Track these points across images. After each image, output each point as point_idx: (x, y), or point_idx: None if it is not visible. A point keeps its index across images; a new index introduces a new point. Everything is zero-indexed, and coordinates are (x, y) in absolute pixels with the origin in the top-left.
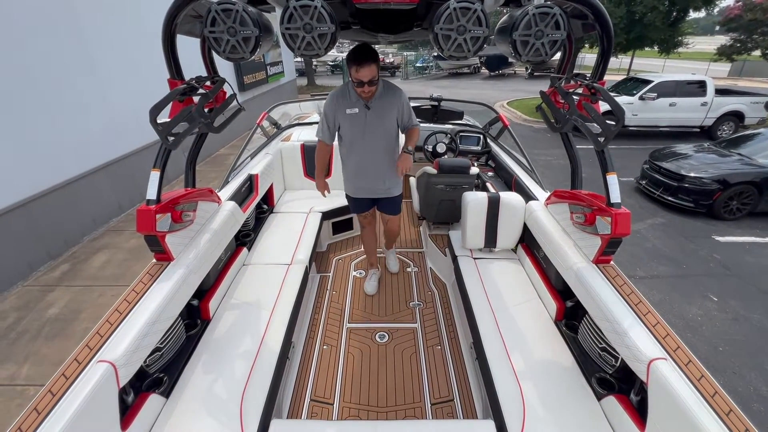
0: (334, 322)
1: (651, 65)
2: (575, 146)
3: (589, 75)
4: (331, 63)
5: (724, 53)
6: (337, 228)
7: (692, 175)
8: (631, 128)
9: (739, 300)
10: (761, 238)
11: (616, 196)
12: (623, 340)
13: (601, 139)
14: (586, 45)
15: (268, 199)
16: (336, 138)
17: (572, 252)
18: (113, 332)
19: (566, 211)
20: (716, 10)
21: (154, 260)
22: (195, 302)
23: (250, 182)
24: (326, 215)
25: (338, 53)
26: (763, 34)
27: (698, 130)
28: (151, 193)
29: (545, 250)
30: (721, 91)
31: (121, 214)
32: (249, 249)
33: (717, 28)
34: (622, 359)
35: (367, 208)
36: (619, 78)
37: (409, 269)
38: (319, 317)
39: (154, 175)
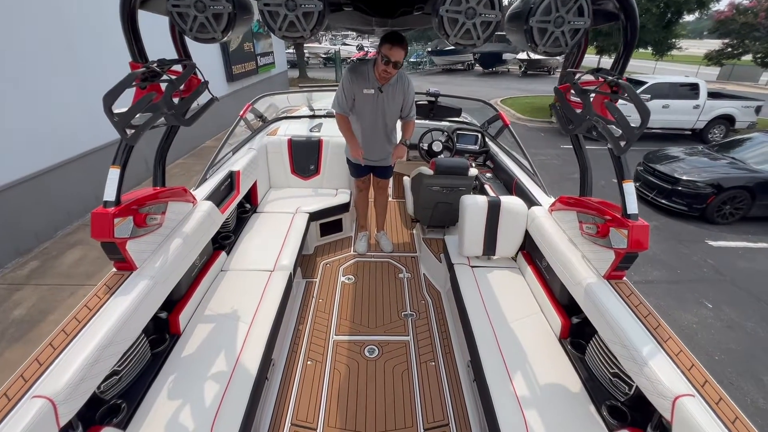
0: (320, 334)
1: (642, 67)
2: (585, 149)
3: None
4: (323, 55)
5: (713, 58)
6: (325, 230)
7: (686, 178)
8: None
9: (733, 307)
10: (753, 244)
11: (633, 207)
12: (642, 371)
13: (622, 143)
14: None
15: (251, 197)
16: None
17: (581, 265)
18: (56, 359)
19: (574, 220)
20: (708, 12)
21: (114, 269)
22: (163, 315)
23: (231, 180)
24: (314, 216)
25: (331, 45)
26: (755, 38)
27: (689, 132)
28: (109, 194)
29: (549, 260)
30: (712, 95)
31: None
32: (228, 253)
33: (705, 32)
34: (636, 387)
35: (365, 174)
36: None
37: (401, 275)
38: (303, 329)
39: (113, 173)
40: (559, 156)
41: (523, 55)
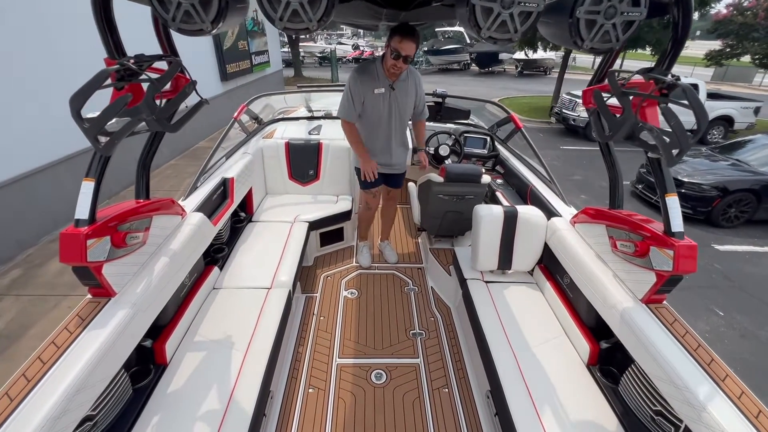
0: (322, 357)
1: (640, 67)
2: (616, 157)
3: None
4: (319, 54)
5: (714, 57)
6: (326, 239)
7: (691, 180)
8: None
9: (745, 314)
10: (760, 248)
11: (678, 224)
12: (701, 417)
13: (675, 151)
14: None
15: (246, 205)
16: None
17: (613, 286)
18: (14, 411)
19: (603, 235)
20: (707, 13)
21: (89, 296)
22: (147, 343)
23: (224, 187)
24: (313, 225)
25: (327, 45)
26: (754, 39)
27: (690, 133)
28: (81, 211)
29: (573, 277)
30: (710, 95)
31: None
32: (221, 268)
33: (698, 32)
34: (686, 428)
35: (378, 185)
36: None
37: (407, 288)
38: (303, 351)
39: (87, 187)
40: (559, 157)
41: (519, 55)
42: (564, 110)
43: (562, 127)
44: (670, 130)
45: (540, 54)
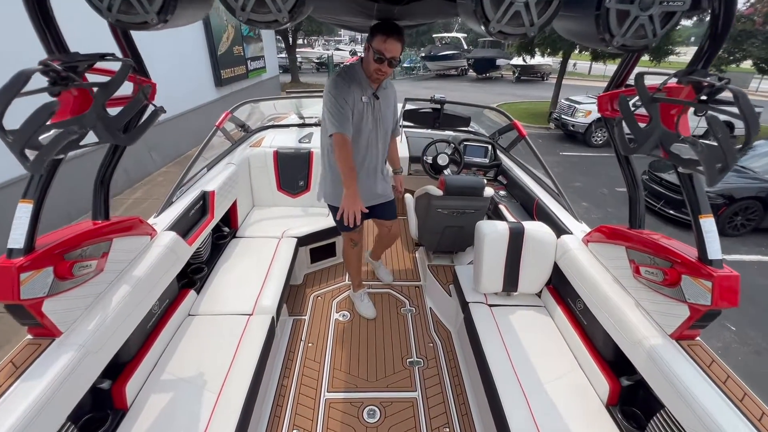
0: (309, 391)
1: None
2: (637, 172)
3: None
4: (316, 60)
5: (715, 64)
6: (316, 255)
7: None
8: None
9: (758, 329)
10: None
11: (716, 250)
12: None
13: (719, 165)
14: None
15: (230, 219)
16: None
17: (636, 317)
18: None
19: (622, 257)
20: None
21: (29, 337)
22: (105, 385)
23: (204, 202)
24: (302, 240)
25: (324, 51)
26: (753, 45)
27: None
28: (16, 239)
29: (587, 302)
30: None
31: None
32: (199, 291)
33: (692, 38)
34: None
35: (363, 220)
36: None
37: (404, 310)
38: (288, 384)
39: (23, 210)
40: (560, 163)
41: (516, 61)
42: (563, 116)
43: (561, 133)
44: (713, 142)
45: (537, 60)
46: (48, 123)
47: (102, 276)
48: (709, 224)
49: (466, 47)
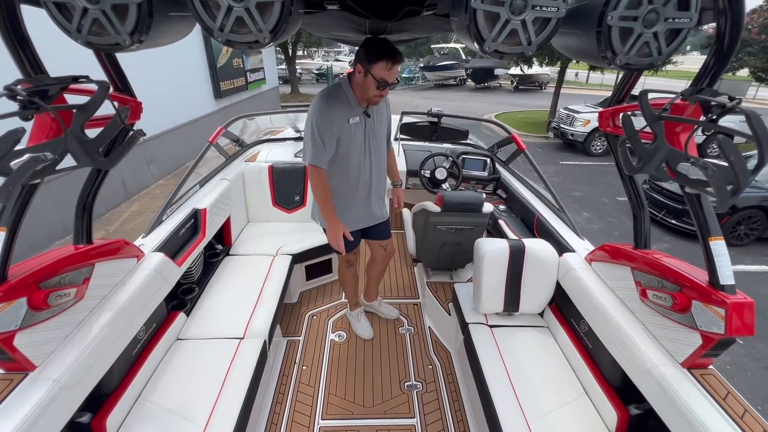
0: (302, 418)
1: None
2: (642, 191)
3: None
4: (316, 71)
5: None
6: (312, 272)
7: None
8: None
9: (766, 343)
10: None
11: (728, 275)
12: None
13: (731, 188)
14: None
15: (223, 236)
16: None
17: (644, 344)
18: None
19: (627, 278)
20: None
21: (1, 371)
22: (84, 419)
23: (195, 220)
24: (298, 257)
25: (324, 62)
26: (749, 54)
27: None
28: None
29: (592, 325)
30: None
31: (67, 236)
32: (188, 313)
33: (688, 47)
34: None
35: (358, 243)
36: (607, 93)
37: (402, 329)
38: (281, 411)
39: None
40: (558, 172)
41: (514, 71)
42: (562, 125)
43: (560, 142)
44: (724, 164)
45: (535, 69)
46: (22, 148)
47: (82, 303)
48: (719, 247)
49: (464, 57)
